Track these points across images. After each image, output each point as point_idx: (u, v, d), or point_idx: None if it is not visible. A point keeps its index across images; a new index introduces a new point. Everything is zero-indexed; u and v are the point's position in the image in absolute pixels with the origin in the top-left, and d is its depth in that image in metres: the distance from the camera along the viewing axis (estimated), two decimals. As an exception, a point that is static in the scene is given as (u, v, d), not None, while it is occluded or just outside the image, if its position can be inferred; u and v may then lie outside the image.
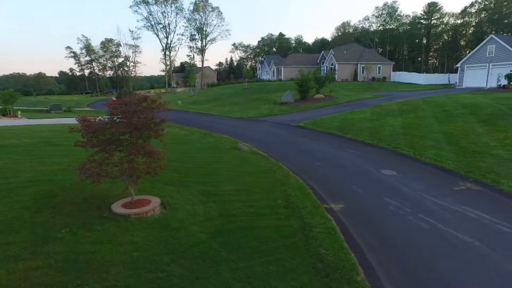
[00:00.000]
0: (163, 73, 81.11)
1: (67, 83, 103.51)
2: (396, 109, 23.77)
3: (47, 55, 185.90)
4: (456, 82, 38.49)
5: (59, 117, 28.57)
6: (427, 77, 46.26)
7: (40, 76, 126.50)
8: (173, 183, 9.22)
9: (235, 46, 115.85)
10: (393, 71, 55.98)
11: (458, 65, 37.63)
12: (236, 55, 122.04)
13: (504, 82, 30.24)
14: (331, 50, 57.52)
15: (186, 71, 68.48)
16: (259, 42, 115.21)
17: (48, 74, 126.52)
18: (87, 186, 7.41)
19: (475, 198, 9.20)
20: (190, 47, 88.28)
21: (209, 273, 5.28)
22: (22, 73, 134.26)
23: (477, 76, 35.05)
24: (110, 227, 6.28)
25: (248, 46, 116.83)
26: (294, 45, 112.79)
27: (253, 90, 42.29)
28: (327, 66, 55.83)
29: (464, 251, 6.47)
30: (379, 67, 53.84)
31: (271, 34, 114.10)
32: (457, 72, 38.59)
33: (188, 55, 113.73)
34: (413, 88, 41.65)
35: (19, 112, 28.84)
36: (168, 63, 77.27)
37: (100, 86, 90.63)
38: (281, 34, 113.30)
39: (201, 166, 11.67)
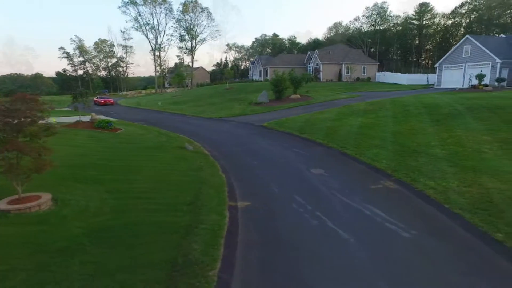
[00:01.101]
0: (156, 74, 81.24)
1: (61, 83, 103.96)
2: (361, 109, 23.90)
3: (46, 56, 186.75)
4: (435, 82, 38.57)
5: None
6: (409, 78, 46.37)
7: (37, 77, 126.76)
8: (85, 181, 9.35)
9: (229, 47, 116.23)
10: (379, 71, 56.07)
11: (437, 65, 37.73)
12: (231, 56, 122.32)
13: (475, 82, 30.33)
14: (316, 50, 57.68)
15: (176, 72, 68.82)
16: (253, 42, 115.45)
17: (45, 75, 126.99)
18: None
19: (384, 197, 9.28)
20: (179, 47, 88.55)
21: (56, 267, 5.40)
22: (20, 73, 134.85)
23: (454, 76, 35.14)
24: (-18, 223, 6.42)
25: (242, 47, 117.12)
26: (287, 45, 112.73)
27: (234, 91, 42.48)
28: (312, 67, 55.95)
29: (335, 247, 6.56)
30: (364, 67, 53.91)
31: (265, 34, 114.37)
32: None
33: (177, 56, 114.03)
34: (394, 88, 41.68)
35: None
36: (158, 63, 77.55)
37: (93, 87, 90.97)
38: (275, 35, 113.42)
39: (130, 164, 11.80)
